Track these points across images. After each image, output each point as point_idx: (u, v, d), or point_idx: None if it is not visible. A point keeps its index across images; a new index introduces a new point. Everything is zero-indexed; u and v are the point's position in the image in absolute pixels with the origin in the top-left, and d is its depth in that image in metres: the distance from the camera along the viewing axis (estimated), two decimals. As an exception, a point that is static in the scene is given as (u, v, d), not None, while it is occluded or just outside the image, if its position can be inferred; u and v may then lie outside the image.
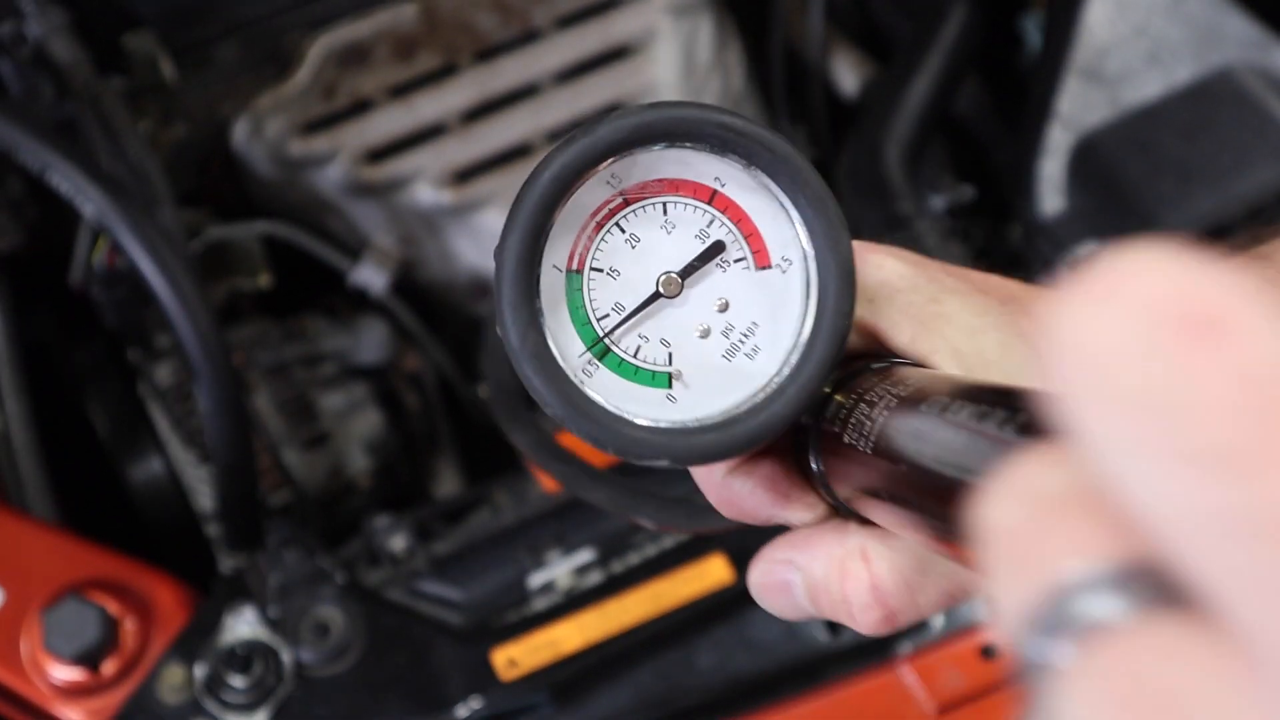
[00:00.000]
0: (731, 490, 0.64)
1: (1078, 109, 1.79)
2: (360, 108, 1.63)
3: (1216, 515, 0.29)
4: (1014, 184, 1.74)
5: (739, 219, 0.62)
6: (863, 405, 0.58)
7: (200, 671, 1.28)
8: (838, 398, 0.61)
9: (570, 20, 1.69)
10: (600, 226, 0.61)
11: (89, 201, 1.28)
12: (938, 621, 1.32)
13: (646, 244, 0.62)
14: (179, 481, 1.53)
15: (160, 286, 1.26)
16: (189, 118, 1.62)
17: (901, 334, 0.63)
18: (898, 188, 1.63)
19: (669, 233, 0.62)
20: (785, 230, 0.62)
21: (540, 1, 1.68)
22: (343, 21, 1.64)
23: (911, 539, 0.58)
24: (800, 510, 0.64)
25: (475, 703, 1.28)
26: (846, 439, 0.58)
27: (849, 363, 0.63)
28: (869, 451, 0.56)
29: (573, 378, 0.60)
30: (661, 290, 0.62)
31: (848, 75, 1.85)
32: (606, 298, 0.62)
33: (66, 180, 1.29)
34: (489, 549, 1.39)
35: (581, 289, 0.61)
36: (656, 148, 0.60)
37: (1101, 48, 1.80)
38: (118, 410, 1.57)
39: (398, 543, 1.40)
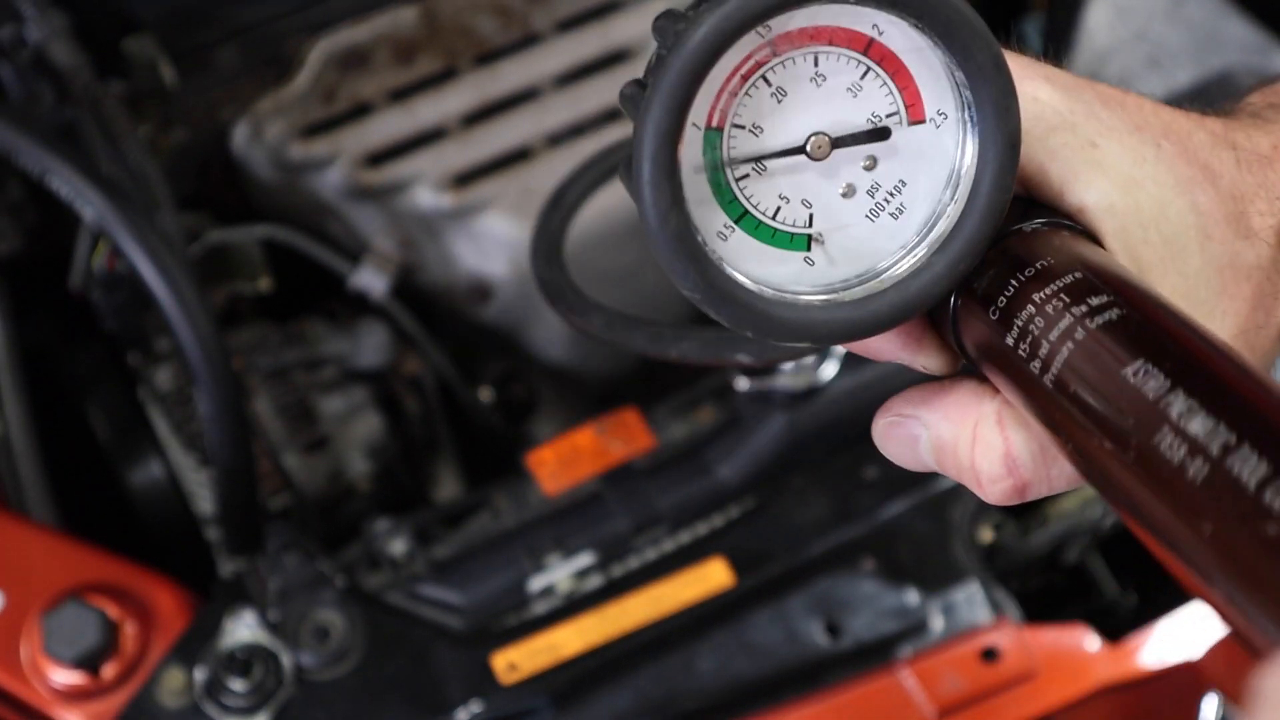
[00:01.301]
0: None
1: (1078, 113, 1.79)
2: (360, 111, 1.63)
3: None
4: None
5: (895, 70, 0.57)
6: (1031, 308, 0.54)
7: (200, 675, 1.28)
8: (990, 261, 0.57)
9: (570, 24, 1.69)
10: (745, 79, 0.57)
11: (89, 205, 1.28)
12: (938, 625, 1.32)
13: (794, 98, 0.57)
14: (179, 485, 1.53)
15: (160, 290, 1.26)
16: (189, 122, 1.62)
17: (1050, 181, 0.59)
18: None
19: (819, 85, 0.57)
20: (944, 85, 0.57)
21: (540, 5, 1.68)
22: (343, 25, 1.64)
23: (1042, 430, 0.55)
24: (931, 357, 0.61)
25: (475, 706, 1.28)
26: (1011, 342, 0.54)
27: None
28: (1047, 384, 0.52)
29: (712, 257, 0.57)
30: (810, 153, 0.57)
31: (848, 79, 1.85)
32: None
33: (66, 184, 1.29)
34: (489, 553, 1.39)
35: (720, 146, 0.57)
36: (815, 4, 0.55)
37: (1102, 52, 1.81)
38: (117, 414, 1.57)
39: (397, 546, 1.40)
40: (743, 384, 1.39)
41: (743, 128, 0.57)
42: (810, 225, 0.58)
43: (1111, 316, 0.51)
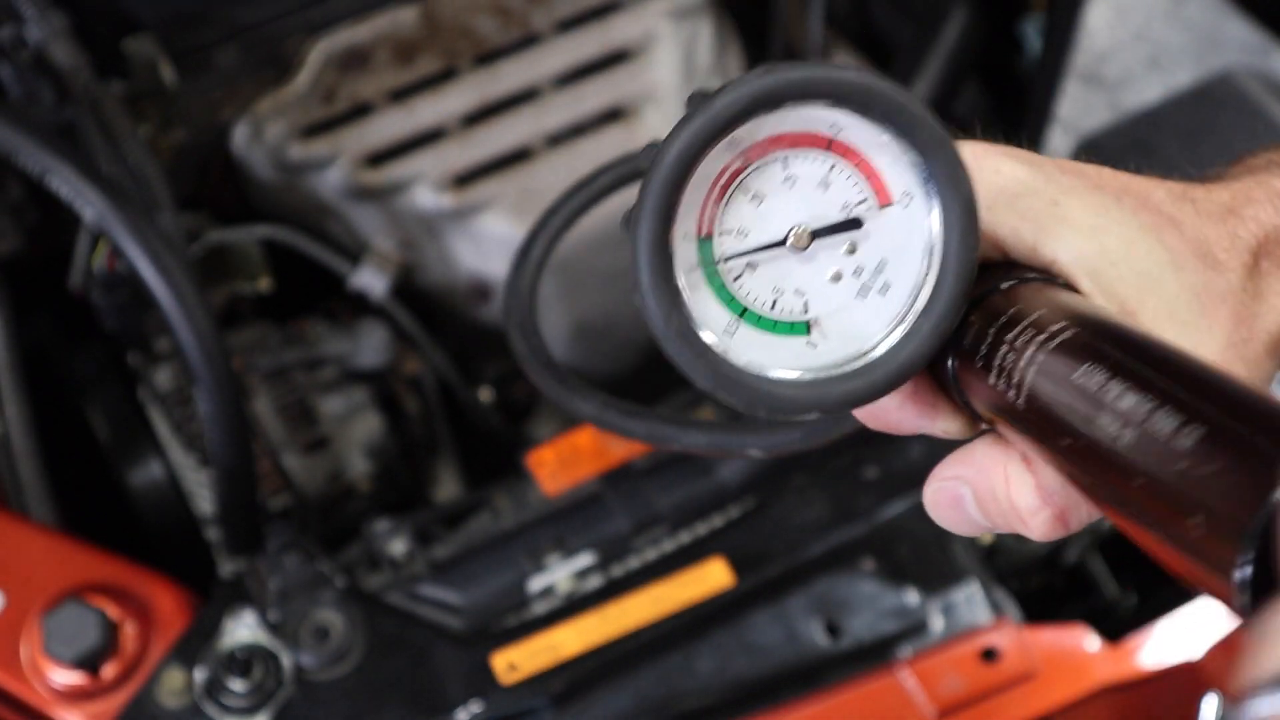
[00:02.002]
0: (880, 405, 0.66)
1: (1078, 113, 1.79)
2: (360, 111, 1.63)
3: None
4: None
5: (858, 161, 0.63)
6: (1005, 347, 0.60)
7: (200, 675, 1.28)
8: (972, 320, 0.63)
9: (570, 24, 1.69)
10: (725, 190, 0.63)
11: (89, 205, 1.28)
12: (938, 625, 1.32)
13: (771, 200, 0.63)
14: (179, 486, 1.53)
15: (160, 290, 1.26)
16: (189, 122, 1.62)
17: (1023, 240, 0.64)
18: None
19: (791, 186, 0.63)
20: (904, 168, 0.63)
21: (540, 5, 1.68)
22: (342, 25, 1.64)
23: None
24: (946, 421, 0.66)
25: (475, 706, 1.28)
26: (992, 381, 0.60)
27: (978, 277, 0.64)
28: (1021, 406, 0.58)
29: (717, 349, 0.62)
30: (791, 244, 0.63)
31: (847, 79, 1.85)
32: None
33: (66, 184, 1.29)
34: (489, 553, 1.39)
35: (713, 252, 0.63)
36: (774, 110, 0.61)
37: (1102, 52, 1.81)
38: (117, 414, 1.57)
39: (397, 546, 1.40)
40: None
41: (729, 232, 0.63)
42: (806, 311, 0.64)
43: (1066, 336, 0.58)
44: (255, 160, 1.61)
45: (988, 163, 0.66)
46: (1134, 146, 1.73)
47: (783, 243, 0.63)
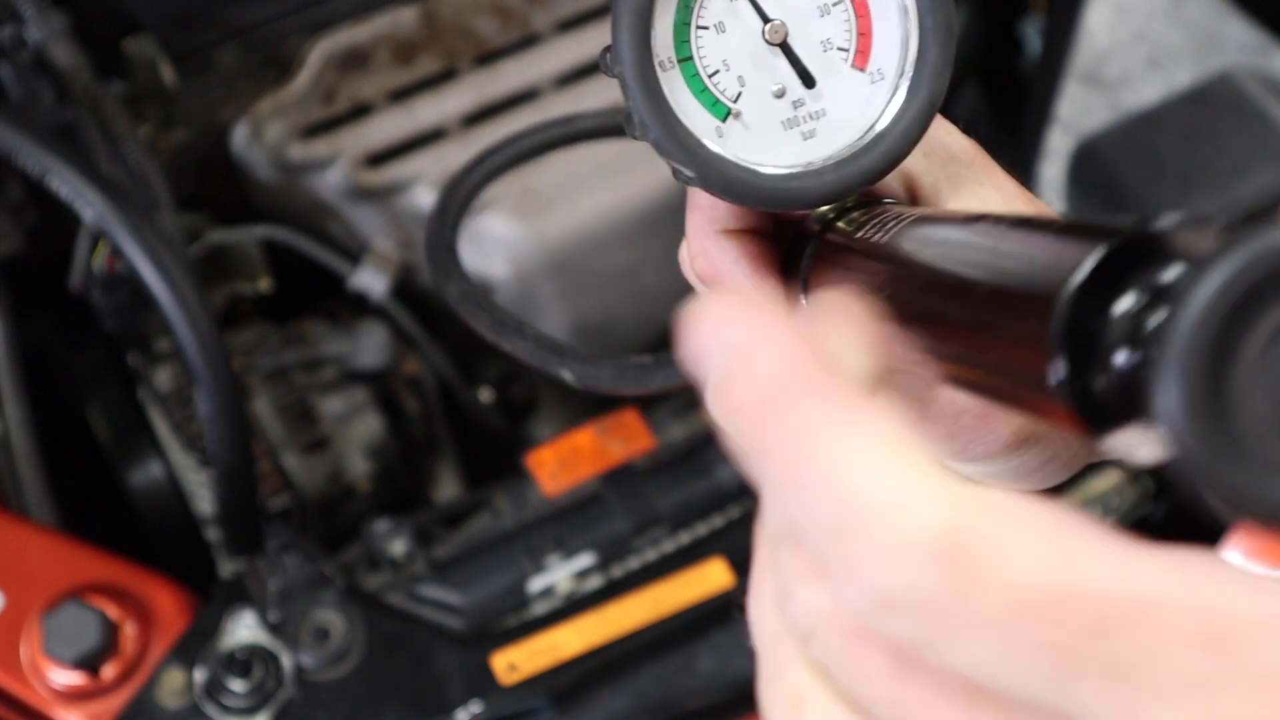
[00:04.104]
0: (718, 248, 0.65)
1: (1078, 113, 1.79)
2: (360, 112, 1.63)
3: None
4: (1014, 188, 1.74)
5: (862, 14, 0.62)
6: (889, 214, 0.59)
7: (200, 676, 1.28)
8: (854, 214, 0.62)
9: (570, 24, 1.69)
10: None
11: (89, 206, 1.28)
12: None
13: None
14: (179, 486, 1.53)
15: (160, 291, 1.26)
16: (189, 122, 1.62)
17: (938, 194, 0.65)
18: (898, 191, 1.63)
19: None
20: (894, 48, 0.62)
21: (541, 6, 1.68)
22: (342, 26, 1.64)
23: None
24: (769, 290, 0.65)
25: (475, 707, 1.28)
26: (860, 235, 0.60)
27: (868, 195, 0.64)
28: (881, 240, 0.57)
29: (663, 85, 0.61)
30: (766, 36, 0.62)
31: (848, 79, 1.85)
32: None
33: (66, 184, 1.29)
34: (489, 553, 1.39)
35: (689, 40, 0.62)
36: None
37: (1102, 52, 1.81)
38: (117, 415, 1.57)
39: (397, 547, 1.40)
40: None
41: (706, 28, 0.62)
42: (736, 101, 0.62)
43: (956, 214, 0.58)
44: (255, 160, 1.61)
45: (945, 124, 0.66)
46: (1134, 146, 1.73)
47: (764, 14, 0.62)
